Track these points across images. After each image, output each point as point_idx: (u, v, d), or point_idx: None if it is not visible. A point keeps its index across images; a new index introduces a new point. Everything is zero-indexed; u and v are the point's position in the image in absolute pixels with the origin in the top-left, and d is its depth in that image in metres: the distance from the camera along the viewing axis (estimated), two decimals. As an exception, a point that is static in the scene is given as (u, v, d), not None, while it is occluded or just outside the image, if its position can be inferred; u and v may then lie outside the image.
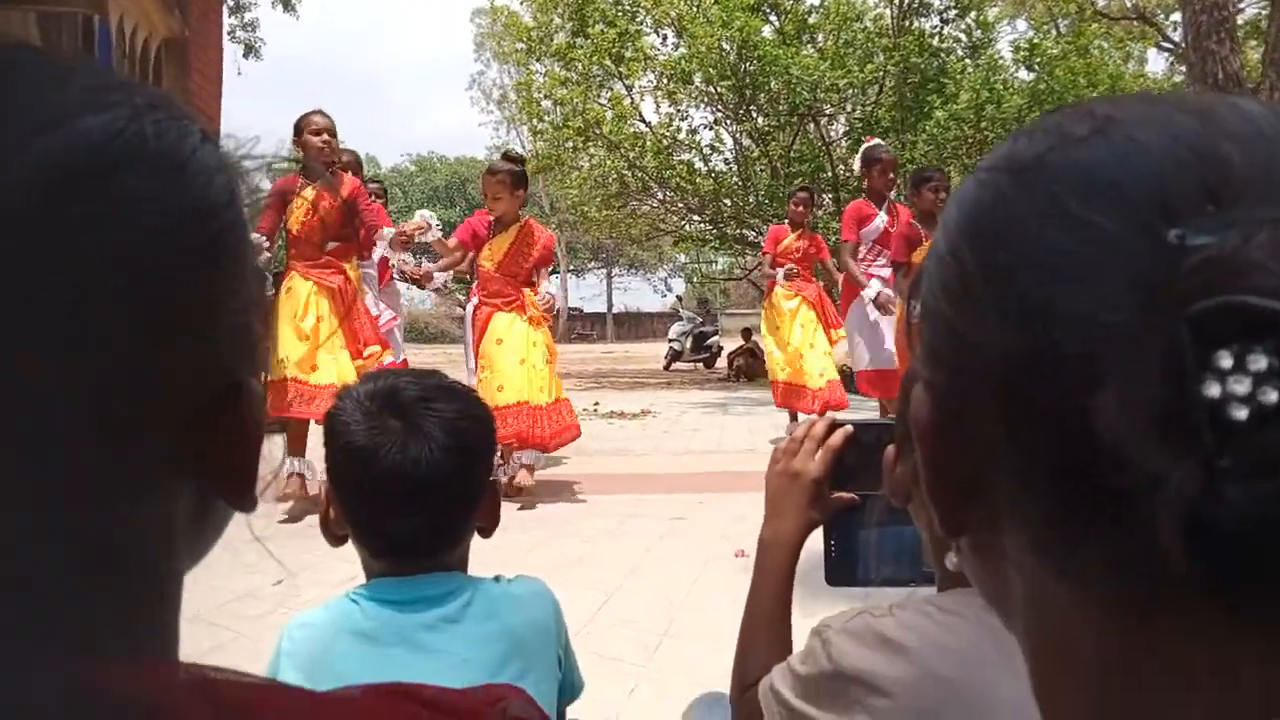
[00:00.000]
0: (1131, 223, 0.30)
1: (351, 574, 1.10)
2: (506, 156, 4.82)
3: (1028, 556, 0.34)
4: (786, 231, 6.53)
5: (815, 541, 1.11)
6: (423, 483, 0.99)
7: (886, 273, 5.68)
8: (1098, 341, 0.29)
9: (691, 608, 2.80)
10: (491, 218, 4.77)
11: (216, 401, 0.37)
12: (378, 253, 4.64)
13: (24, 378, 0.30)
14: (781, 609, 1.12)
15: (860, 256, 5.88)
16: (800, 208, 6.45)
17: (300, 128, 4.30)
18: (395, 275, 4.82)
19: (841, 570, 1.13)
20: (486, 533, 1.14)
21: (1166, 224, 0.29)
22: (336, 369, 4.27)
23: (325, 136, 4.28)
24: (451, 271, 5.02)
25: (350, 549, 1.11)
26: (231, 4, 16.63)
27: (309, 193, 4.32)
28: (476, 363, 4.70)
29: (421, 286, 5.07)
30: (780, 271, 6.18)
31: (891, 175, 6.06)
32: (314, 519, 3.97)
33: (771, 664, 1.01)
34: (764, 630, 1.11)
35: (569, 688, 1.19)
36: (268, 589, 2.96)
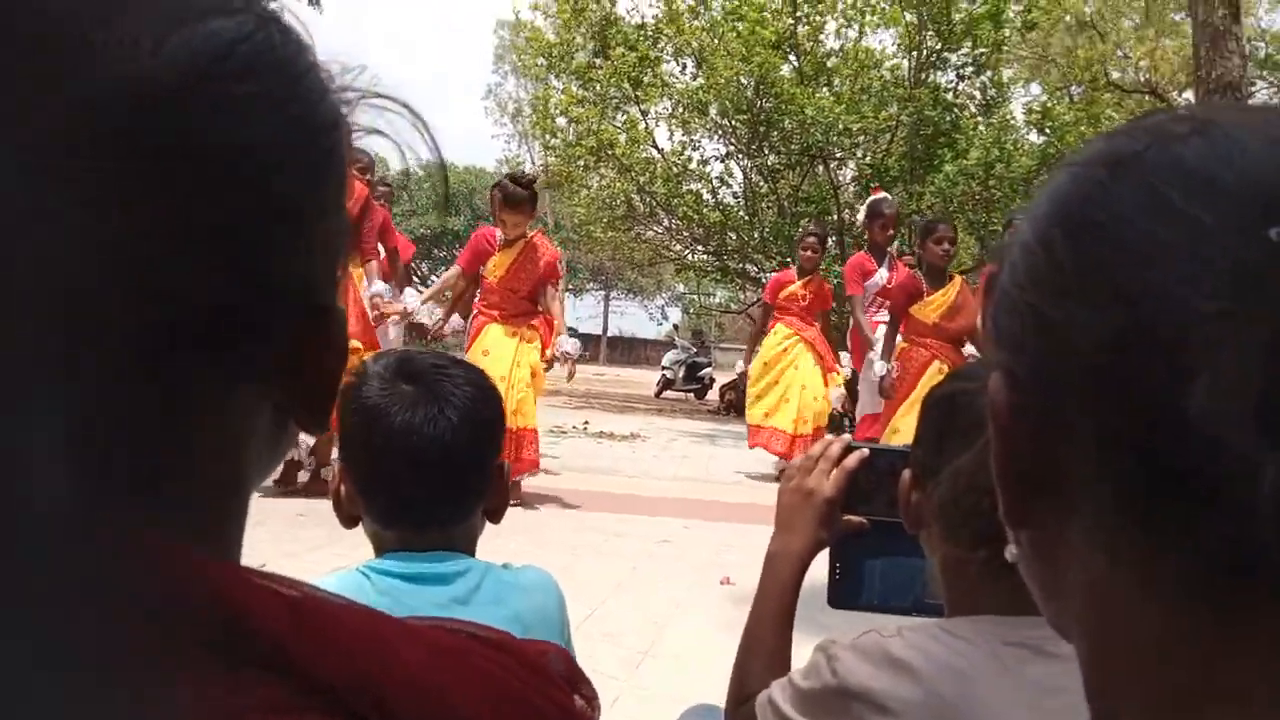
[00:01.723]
0: (1232, 218, 0.31)
1: (338, 566, 1.09)
2: (516, 180, 4.72)
3: (1097, 547, 0.35)
4: (792, 278, 6.39)
5: (816, 570, 1.12)
6: (434, 443, 0.99)
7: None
8: (1194, 328, 0.30)
9: (675, 628, 2.79)
10: (499, 234, 4.76)
11: (309, 319, 0.37)
12: (365, 293, 4.61)
13: (150, 247, 0.30)
14: (784, 623, 1.12)
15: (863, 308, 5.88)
16: (810, 253, 6.28)
17: None
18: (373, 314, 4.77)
19: (844, 593, 1.14)
20: (495, 516, 1.13)
21: (1266, 223, 0.30)
22: None
23: None
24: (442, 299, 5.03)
25: (346, 541, 1.10)
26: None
27: None
28: None
29: (418, 333, 5.03)
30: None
31: (891, 231, 6.06)
32: (306, 506, 3.94)
33: (770, 678, 1.01)
34: (765, 643, 1.11)
35: None
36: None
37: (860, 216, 6.44)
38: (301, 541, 3.38)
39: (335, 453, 1.10)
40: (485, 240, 4.79)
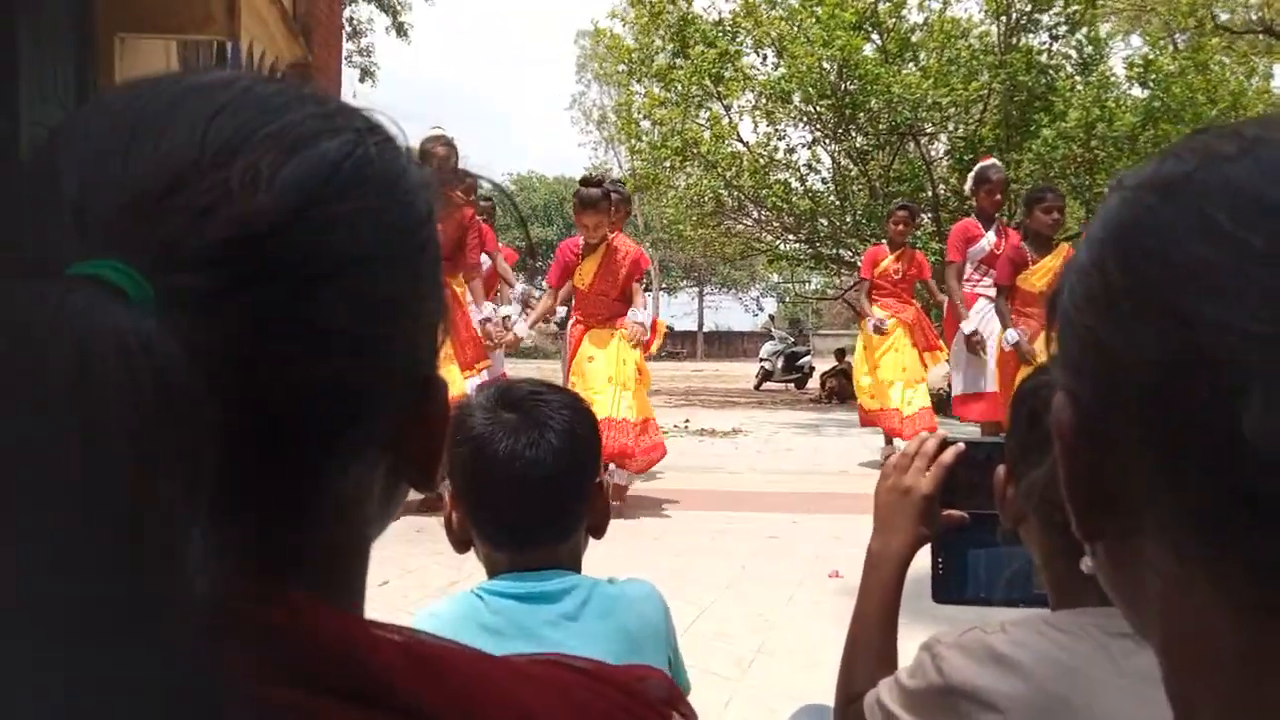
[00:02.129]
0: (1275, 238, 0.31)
1: (454, 579, 1.14)
2: (587, 182, 4.82)
3: (1168, 559, 0.35)
4: (885, 253, 6.41)
5: (919, 563, 1.11)
6: (536, 467, 1.05)
7: (992, 293, 5.56)
8: (1244, 349, 0.31)
9: (786, 626, 2.79)
10: (582, 241, 4.84)
11: (415, 390, 0.42)
12: (474, 315, 4.74)
13: (272, 356, 0.35)
14: (888, 623, 1.12)
15: (966, 276, 5.79)
16: (900, 226, 6.30)
17: (423, 153, 4.45)
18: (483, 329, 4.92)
19: (949, 588, 1.13)
20: (598, 532, 1.18)
21: None
22: (452, 383, 4.41)
23: (439, 161, 4.45)
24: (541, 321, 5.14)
25: (460, 556, 1.16)
26: (349, 30, 17.38)
27: None
28: (568, 379, 4.78)
29: (513, 347, 5.15)
30: (870, 324, 6.05)
31: (999, 197, 5.95)
32: (423, 523, 4.08)
33: (877, 678, 1.01)
34: (870, 644, 1.11)
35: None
36: (374, 590, 3.08)
37: (967, 186, 6.31)
38: (416, 559, 3.51)
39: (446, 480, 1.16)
40: (570, 252, 4.89)
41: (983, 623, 0.93)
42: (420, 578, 3.11)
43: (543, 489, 1.06)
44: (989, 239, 5.75)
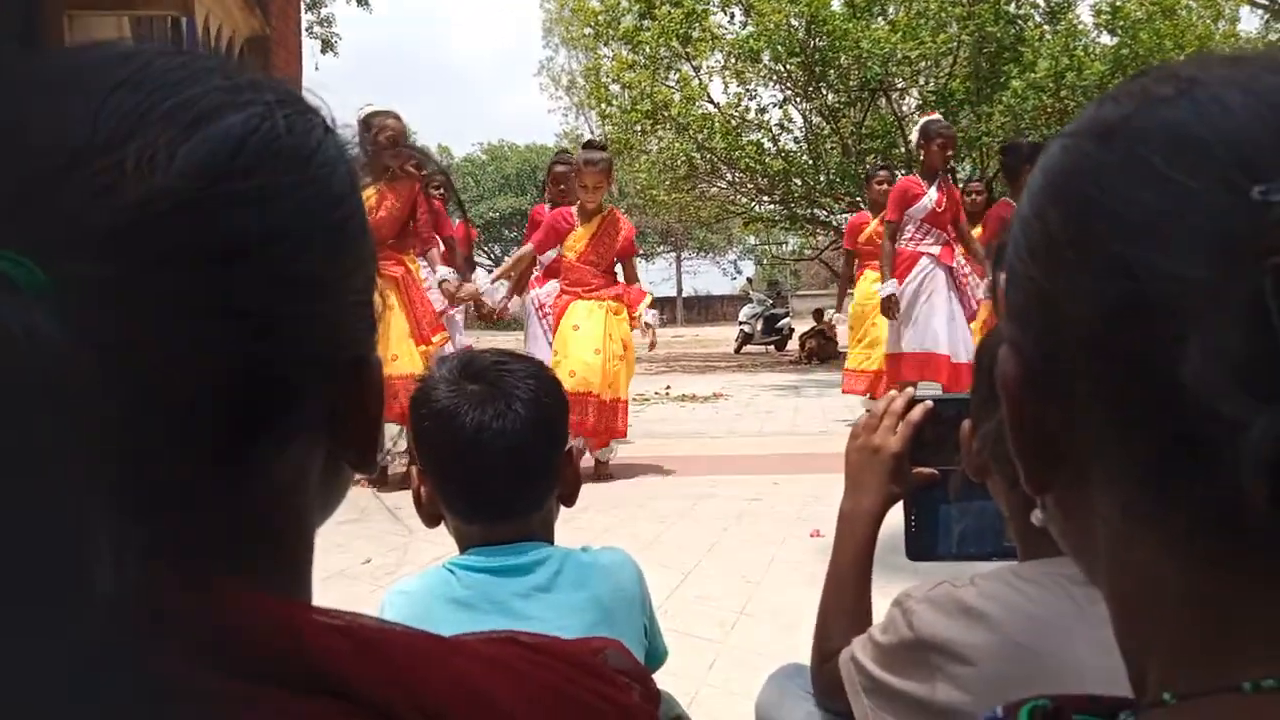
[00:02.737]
0: (1216, 180, 0.31)
1: (438, 555, 1.13)
2: (592, 145, 4.79)
3: (1114, 511, 0.35)
4: (867, 219, 6.31)
5: (892, 520, 1.12)
6: (502, 439, 1.04)
7: (937, 250, 5.49)
8: (1182, 295, 0.30)
9: (768, 587, 2.81)
10: (575, 209, 4.78)
11: (344, 371, 0.40)
12: (432, 280, 4.68)
13: (182, 342, 0.33)
14: (862, 581, 1.13)
15: (909, 236, 5.58)
16: (883, 186, 6.17)
17: (369, 124, 4.36)
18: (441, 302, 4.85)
19: (922, 545, 1.14)
20: (569, 501, 1.17)
21: (1251, 181, 0.30)
22: (411, 359, 4.37)
23: (390, 134, 4.38)
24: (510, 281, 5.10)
25: (435, 534, 1.16)
26: (308, 1, 17.04)
27: (371, 192, 4.41)
28: (551, 349, 4.75)
29: (481, 311, 5.08)
30: (883, 291, 5.58)
31: (949, 152, 5.80)
32: (404, 499, 4.07)
33: (852, 635, 1.02)
34: (844, 602, 1.12)
35: (654, 655, 1.22)
36: (357, 568, 3.07)
37: (912, 140, 6.18)
38: (398, 535, 3.50)
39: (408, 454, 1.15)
40: (564, 219, 4.81)
41: (953, 577, 0.94)
42: (404, 555, 3.11)
43: (511, 460, 1.05)
44: (930, 196, 5.53)
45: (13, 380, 0.28)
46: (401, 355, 4.37)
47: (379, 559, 3.14)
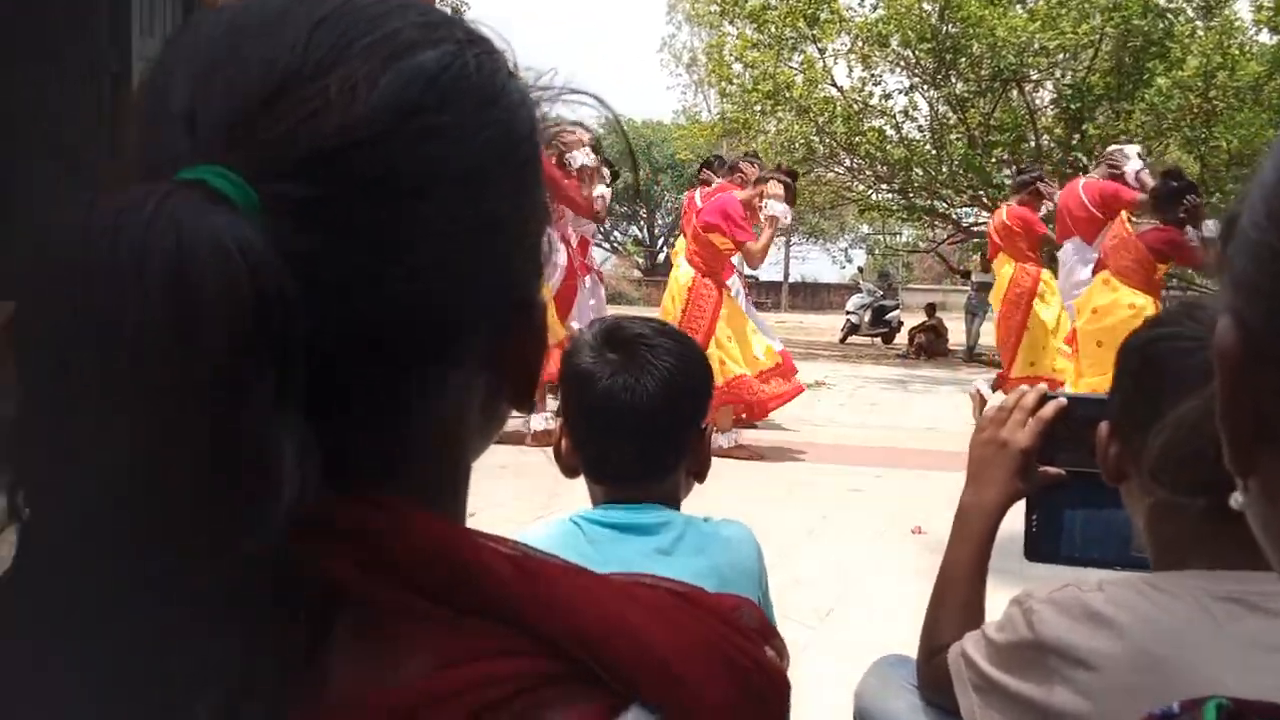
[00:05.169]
0: None
1: (539, 515, 1.17)
2: (792, 174, 5.05)
3: None
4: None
5: (1009, 521, 1.09)
6: (632, 408, 1.07)
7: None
8: None
9: (865, 577, 2.78)
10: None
11: (514, 309, 0.41)
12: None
13: (371, 267, 0.35)
14: (977, 577, 1.11)
15: None
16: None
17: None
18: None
19: (1043, 546, 1.11)
20: (699, 476, 1.20)
21: None
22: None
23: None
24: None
25: (545, 493, 1.19)
26: (440, -30, 17.34)
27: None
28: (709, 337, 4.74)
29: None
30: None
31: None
32: (510, 458, 4.19)
33: (963, 631, 1.00)
34: (958, 596, 1.10)
35: None
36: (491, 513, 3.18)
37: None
38: (500, 493, 3.60)
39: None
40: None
41: (1078, 580, 0.91)
42: (508, 511, 3.19)
43: (636, 430, 1.09)
44: None
45: (225, 291, 0.30)
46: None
47: (484, 514, 3.24)
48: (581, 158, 4.65)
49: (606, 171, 5.34)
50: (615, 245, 35.73)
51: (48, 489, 0.31)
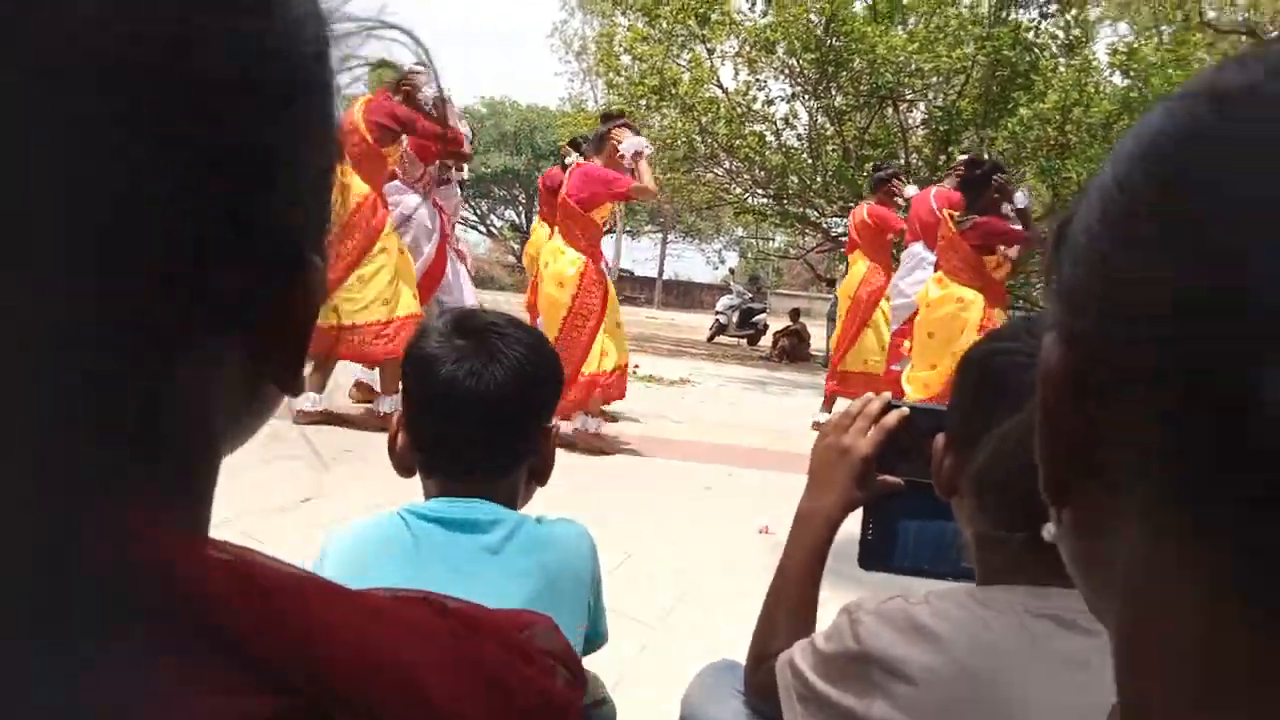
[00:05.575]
0: None
1: (379, 503, 1.11)
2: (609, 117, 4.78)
3: (1145, 535, 0.31)
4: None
5: (848, 527, 1.08)
6: (476, 396, 1.03)
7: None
8: None
9: (709, 577, 2.78)
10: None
11: (277, 268, 0.33)
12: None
13: (80, 193, 0.27)
14: (810, 585, 1.10)
15: None
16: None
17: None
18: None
19: (877, 555, 1.10)
20: (540, 478, 1.16)
21: None
22: (404, 305, 4.35)
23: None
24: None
25: (376, 481, 1.12)
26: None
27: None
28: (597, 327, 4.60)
29: None
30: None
31: None
32: (354, 441, 4.02)
33: (793, 639, 0.98)
34: (790, 603, 1.09)
35: (595, 635, 1.19)
36: (295, 503, 3.00)
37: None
38: (339, 479, 3.43)
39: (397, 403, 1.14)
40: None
41: (906, 591, 0.90)
42: (342, 498, 3.04)
43: (479, 418, 1.04)
44: None
45: None
46: (404, 296, 4.34)
47: (318, 500, 3.07)
48: (429, 90, 4.42)
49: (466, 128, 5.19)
50: (491, 229, 35.30)
51: None
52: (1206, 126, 0.29)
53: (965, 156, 6.10)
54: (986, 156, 5.80)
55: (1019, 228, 4.98)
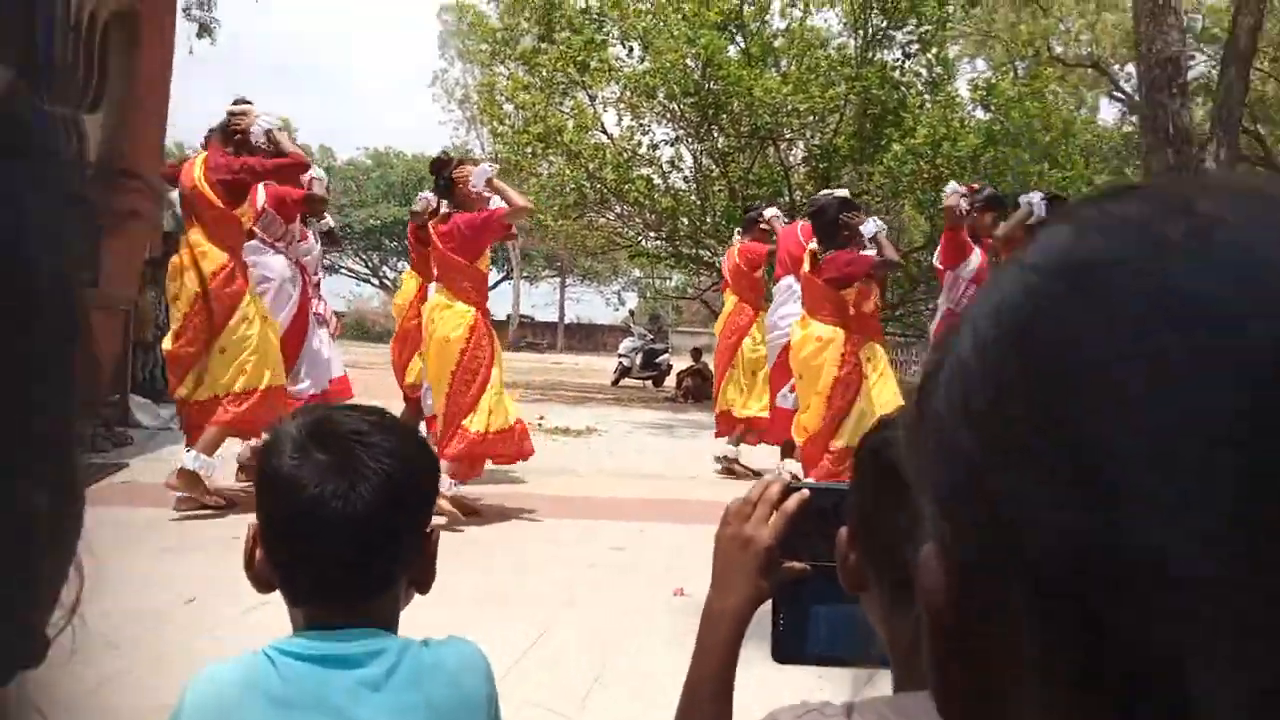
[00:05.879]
0: (1248, 391, 0.23)
1: (267, 598, 1.01)
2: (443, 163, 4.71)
3: None
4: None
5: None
6: (345, 518, 0.94)
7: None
8: (1181, 582, 0.23)
9: (626, 649, 2.69)
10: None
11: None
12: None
13: None
14: (723, 689, 1.04)
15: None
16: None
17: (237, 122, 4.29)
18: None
19: (790, 646, 1.05)
20: (423, 588, 1.06)
21: None
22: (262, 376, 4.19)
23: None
24: None
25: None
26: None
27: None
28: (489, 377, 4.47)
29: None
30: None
31: None
32: (234, 530, 3.81)
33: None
34: (702, 709, 1.03)
35: None
36: (178, 607, 2.78)
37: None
38: (227, 571, 3.22)
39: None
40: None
41: (824, 706, 0.85)
42: (232, 593, 2.83)
43: (348, 542, 0.95)
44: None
45: None
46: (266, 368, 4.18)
47: (204, 598, 2.85)
48: (259, 126, 4.28)
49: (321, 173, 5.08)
50: (384, 281, 34.66)
51: None
52: (1069, 316, 0.26)
53: (812, 201, 6.02)
54: (860, 193, 5.80)
55: (870, 253, 4.93)
